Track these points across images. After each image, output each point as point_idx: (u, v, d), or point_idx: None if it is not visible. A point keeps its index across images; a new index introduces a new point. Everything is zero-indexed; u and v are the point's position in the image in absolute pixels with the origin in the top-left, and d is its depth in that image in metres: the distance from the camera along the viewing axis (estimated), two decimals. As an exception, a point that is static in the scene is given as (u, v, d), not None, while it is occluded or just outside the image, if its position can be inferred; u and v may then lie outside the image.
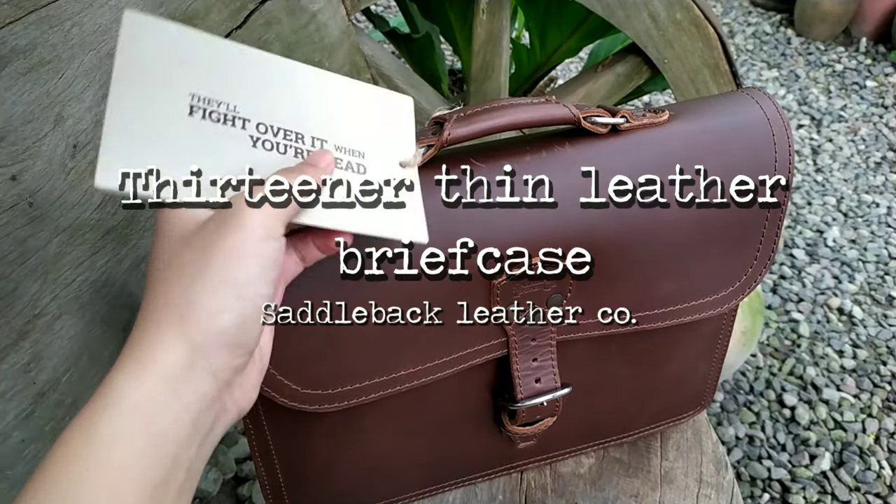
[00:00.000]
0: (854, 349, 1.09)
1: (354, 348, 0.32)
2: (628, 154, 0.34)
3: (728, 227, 0.36)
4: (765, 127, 0.36)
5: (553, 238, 0.33)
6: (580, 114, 0.34)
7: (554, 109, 0.34)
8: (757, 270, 0.38)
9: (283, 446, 0.37)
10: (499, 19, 0.60)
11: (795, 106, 1.72)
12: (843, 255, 1.27)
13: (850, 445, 0.94)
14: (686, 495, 0.45)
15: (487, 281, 0.33)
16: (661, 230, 0.35)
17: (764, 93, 0.37)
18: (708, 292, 0.38)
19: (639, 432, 0.47)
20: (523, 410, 0.38)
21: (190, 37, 0.27)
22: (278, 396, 0.32)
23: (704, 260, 0.36)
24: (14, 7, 0.33)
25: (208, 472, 0.79)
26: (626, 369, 0.41)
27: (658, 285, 0.36)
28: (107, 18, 0.37)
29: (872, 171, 1.50)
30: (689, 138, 0.35)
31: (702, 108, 0.37)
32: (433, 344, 0.34)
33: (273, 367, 0.30)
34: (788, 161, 0.36)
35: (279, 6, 0.48)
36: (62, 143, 0.35)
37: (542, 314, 0.35)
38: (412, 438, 0.39)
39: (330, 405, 0.33)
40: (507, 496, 0.45)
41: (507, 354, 0.36)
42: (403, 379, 0.34)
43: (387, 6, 1.94)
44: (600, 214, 0.33)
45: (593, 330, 0.36)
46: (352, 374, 0.33)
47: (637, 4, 0.55)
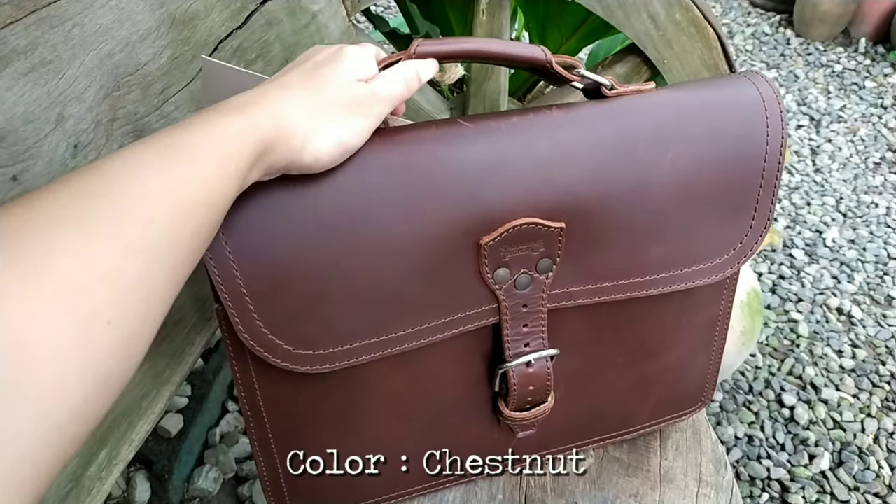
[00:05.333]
0: (853, 349, 1.09)
1: (345, 309, 0.32)
2: (616, 118, 0.35)
3: (719, 194, 0.36)
4: (757, 101, 0.36)
5: (540, 200, 0.33)
6: (553, 58, 0.35)
7: (525, 48, 0.35)
8: (752, 240, 0.37)
9: (283, 436, 0.37)
10: (498, 20, 0.60)
11: (794, 106, 1.72)
12: (842, 256, 1.28)
13: (850, 445, 0.95)
14: (685, 495, 0.46)
15: (475, 242, 0.33)
16: (650, 193, 0.35)
17: (760, 74, 0.38)
18: (700, 259, 0.37)
19: (640, 428, 0.46)
20: (515, 385, 0.37)
21: (249, 74, 0.35)
22: (270, 356, 0.32)
23: (695, 225, 0.36)
24: (15, 7, 0.33)
25: (208, 472, 0.79)
26: (623, 357, 0.41)
27: (648, 249, 0.36)
28: (108, 19, 0.37)
29: (871, 171, 1.50)
30: (678, 106, 0.36)
31: (695, 83, 0.38)
32: (424, 308, 0.33)
33: (265, 326, 0.31)
34: (781, 132, 0.36)
35: (280, 7, 0.48)
36: (63, 142, 0.35)
37: (530, 278, 0.35)
38: (410, 425, 0.39)
39: (322, 366, 0.32)
40: (507, 495, 0.45)
41: (500, 322, 0.36)
42: (395, 341, 0.33)
43: (387, 7, 1.94)
44: (587, 176, 0.34)
45: (584, 297, 0.36)
46: (342, 335, 0.32)
47: (637, 5, 0.55)
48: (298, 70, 0.30)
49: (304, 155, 0.28)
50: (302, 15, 0.51)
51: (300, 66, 0.31)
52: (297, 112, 0.27)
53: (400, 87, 0.32)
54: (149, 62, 0.38)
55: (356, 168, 0.31)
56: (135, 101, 0.37)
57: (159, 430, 0.79)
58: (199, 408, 0.83)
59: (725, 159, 0.36)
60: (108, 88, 0.36)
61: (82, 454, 0.37)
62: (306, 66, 0.31)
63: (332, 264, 0.31)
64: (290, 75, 0.30)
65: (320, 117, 0.28)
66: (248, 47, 0.45)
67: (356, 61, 0.31)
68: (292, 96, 0.28)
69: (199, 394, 0.85)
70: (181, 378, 0.43)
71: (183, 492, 0.77)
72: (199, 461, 0.81)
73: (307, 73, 0.30)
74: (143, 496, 0.73)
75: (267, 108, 0.26)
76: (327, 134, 0.28)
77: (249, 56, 0.46)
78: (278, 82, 0.29)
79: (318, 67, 0.30)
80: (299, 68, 0.31)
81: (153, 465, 0.76)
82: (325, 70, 0.30)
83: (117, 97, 0.36)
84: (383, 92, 0.31)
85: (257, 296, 0.30)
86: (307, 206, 0.30)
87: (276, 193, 0.30)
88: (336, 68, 0.30)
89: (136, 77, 0.37)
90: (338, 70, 0.30)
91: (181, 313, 0.42)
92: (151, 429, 0.41)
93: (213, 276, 0.29)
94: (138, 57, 0.37)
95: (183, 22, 0.40)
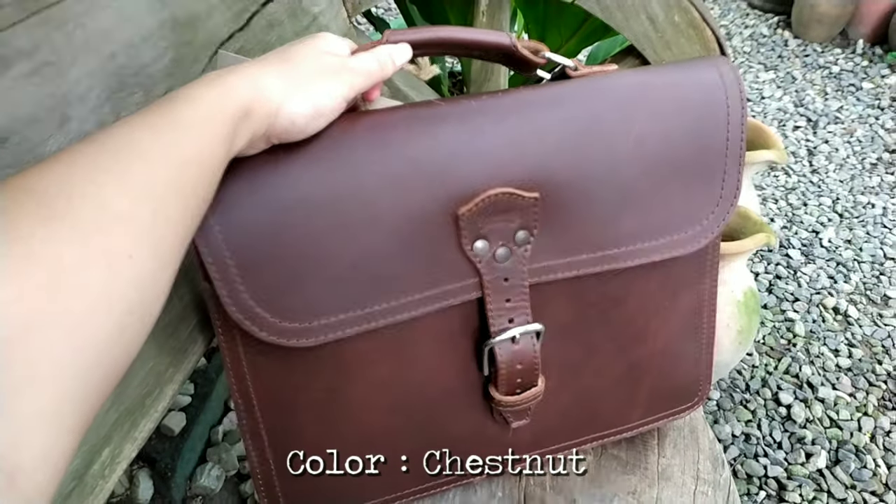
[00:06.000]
0: (849, 348, 1.10)
1: (329, 282, 0.33)
2: (583, 95, 0.37)
3: (686, 165, 0.38)
4: (716, 77, 0.38)
5: (514, 172, 0.34)
6: (518, 43, 0.37)
7: (490, 34, 0.37)
8: (723, 209, 0.39)
9: (272, 425, 0.37)
10: (498, 21, 0.60)
11: (792, 107, 1.73)
12: (839, 256, 1.28)
13: (846, 443, 0.95)
14: (683, 492, 0.46)
15: (453, 214, 0.34)
16: (619, 166, 0.36)
17: (724, 59, 0.39)
18: (673, 229, 0.38)
19: (637, 426, 0.47)
20: (502, 364, 0.38)
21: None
22: (257, 329, 0.33)
23: (665, 196, 0.37)
24: (17, 9, 0.33)
25: (211, 470, 0.79)
26: (610, 342, 0.42)
27: (621, 221, 0.37)
28: (110, 20, 0.37)
29: (868, 172, 1.51)
30: (641, 84, 0.37)
31: (657, 66, 0.40)
32: (407, 281, 0.34)
33: (251, 297, 0.32)
34: (741, 102, 0.38)
35: (281, 8, 0.48)
36: (66, 144, 0.36)
37: (509, 251, 0.36)
38: (401, 417, 0.39)
39: (307, 340, 0.33)
40: (507, 493, 0.45)
41: (482, 297, 0.37)
42: (379, 314, 0.34)
43: (387, 8, 1.94)
44: (557, 150, 0.35)
45: (564, 271, 0.37)
46: (327, 308, 0.33)
47: (635, 7, 0.55)
48: (273, 52, 0.34)
49: (280, 118, 0.30)
50: (303, 16, 0.51)
51: (277, 50, 0.34)
52: (270, 78, 0.30)
53: (372, 63, 0.34)
54: (151, 63, 0.38)
55: (335, 144, 0.32)
56: (138, 102, 0.37)
57: (162, 429, 0.79)
58: (202, 406, 0.84)
59: (689, 131, 0.37)
60: (111, 90, 0.36)
61: (85, 452, 0.37)
62: (281, 48, 0.34)
63: (316, 238, 0.32)
64: (266, 55, 0.33)
65: (292, 82, 0.30)
66: (250, 49, 0.45)
67: (328, 40, 0.34)
68: (265, 67, 0.31)
69: (202, 392, 0.86)
70: (184, 376, 0.43)
71: (185, 489, 0.78)
72: (202, 459, 0.82)
73: (280, 52, 0.33)
74: (145, 494, 0.74)
75: (243, 77, 0.29)
76: (300, 97, 0.30)
77: (251, 57, 0.46)
78: (254, 60, 0.32)
79: (291, 46, 0.33)
80: (274, 51, 0.34)
81: (156, 462, 0.77)
82: (297, 46, 0.33)
83: (120, 98, 0.36)
84: (353, 63, 0.33)
85: (244, 268, 0.32)
86: (290, 183, 0.32)
87: (261, 171, 0.31)
88: (307, 44, 0.33)
89: (139, 78, 0.37)
90: (309, 45, 0.33)
91: (185, 311, 0.42)
92: (154, 427, 0.41)
93: (200, 248, 0.31)
94: (141, 58, 0.37)
95: (185, 23, 0.40)
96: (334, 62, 0.33)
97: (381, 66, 0.35)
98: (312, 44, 0.33)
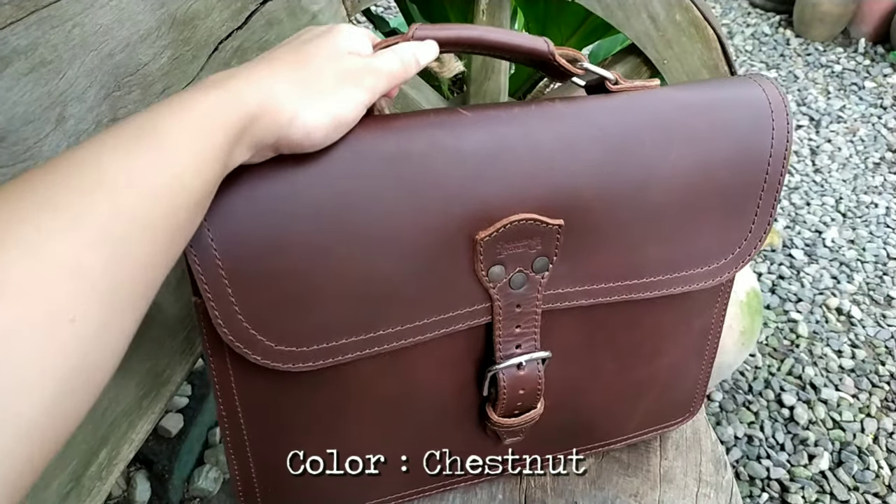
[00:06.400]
0: (853, 349, 1.09)
1: (333, 303, 0.30)
2: (620, 113, 0.34)
3: (721, 195, 0.35)
4: (763, 103, 0.35)
5: (539, 195, 0.32)
6: (556, 50, 0.34)
7: (527, 38, 0.33)
8: (751, 243, 0.37)
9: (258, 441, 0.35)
10: (498, 20, 0.60)
11: (794, 107, 1.72)
12: (842, 256, 1.28)
13: (849, 445, 0.95)
14: (685, 494, 0.46)
15: (471, 237, 0.32)
16: (651, 191, 0.34)
17: (767, 78, 0.37)
18: (699, 262, 0.36)
19: (629, 437, 0.46)
20: (504, 389, 0.36)
21: None
22: (250, 353, 0.29)
23: (695, 227, 0.35)
24: (15, 7, 0.33)
25: (209, 472, 0.79)
26: (615, 363, 0.40)
27: (646, 250, 0.35)
28: (108, 19, 0.37)
29: (871, 171, 1.50)
30: (683, 104, 0.35)
31: (701, 83, 0.37)
32: (415, 304, 0.32)
33: (246, 319, 0.29)
34: (786, 135, 0.35)
35: (280, 7, 0.48)
36: (64, 143, 0.35)
37: (526, 277, 0.34)
38: (396, 432, 0.37)
39: (304, 364, 0.30)
40: (507, 495, 0.45)
41: (492, 322, 0.34)
42: (383, 339, 0.32)
43: (387, 7, 1.94)
44: (589, 171, 0.32)
45: (580, 299, 0.35)
46: (330, 331, 0.30)
47: (636, 5, 0.55)
48: (286, 47, 0.29)
49: (294, 129, 0.26)
50: (302, 15, 0.51)
51: (289, 43, 0.30)
52: (283, 84, 0.26)
53: (395, 63, 0.30)
54: (149, 62, 0.38)
55: (350, 153, 0.29)
56: (135, 101, 0.37)
57: (159, 430, 0.79)
58: (200, 407, 0.84)
59: (729, 160, 0.35)
60: (109, 88, 0.36)
61: (83, 454, 0.37)
62: (294, 44, 0.29)
63: (322, 254, 0.29)
64: (277, 51, 0.29)
65: (309, 89, 0.26)
66: (249, 48, 0.45)
67: (348, 35, 0.30)
68: (278, 68, 0.26)
69: (200, 393, 0.85)
70: (181, 378, 0.43)
71: (183, 491, 0.77)
72: (200, 461, 0.81)
73: (294, 49, 0.29)
74: (143, 496, 0.73)
75: (248, 81, 0.25)
76: (318, 107, 0.26)
77: (250, 56, 0.46)
78: (264, 58, 0.28)
79: (306, 43, 0.29)
80: (287, 45, 0.29)
81: (153, 464, 0.76)
82: (314, 43, 0.29)
83: (118, 97, 0.36)
84: (377, 64, 0.29)
85: (239, 285, 0.28)
86: (297, 192, 0.28)
87: (265, 178, 0.28)
88: (326, 41, 0.29)
89: (137, 77, 0.37)
90: (327, 42, 0.29)
91: (182, 313, 0.42)
92: (152, 428, 0.41)
93: (191, 262, 0.27)
94: (139, 57, 0.37)
95: (183, 22, 0.40)
96: (356, 64, 0.29)
97: (404, 66, 0.30)
98: (332, 41, 0.29)
